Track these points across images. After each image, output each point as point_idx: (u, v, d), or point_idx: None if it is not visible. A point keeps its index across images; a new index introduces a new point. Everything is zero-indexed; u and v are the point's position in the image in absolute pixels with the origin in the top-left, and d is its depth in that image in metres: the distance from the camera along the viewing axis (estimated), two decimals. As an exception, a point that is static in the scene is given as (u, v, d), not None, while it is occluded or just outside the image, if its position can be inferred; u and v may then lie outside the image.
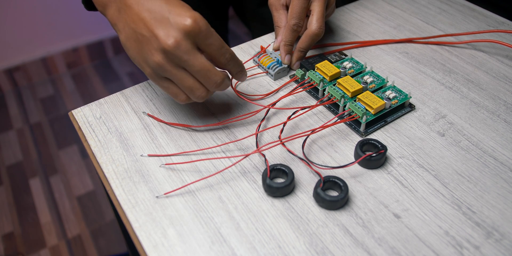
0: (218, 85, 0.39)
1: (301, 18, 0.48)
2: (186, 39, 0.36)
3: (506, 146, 0.42)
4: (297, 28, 0.48)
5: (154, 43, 0.36)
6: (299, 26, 0.48)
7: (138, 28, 0.37)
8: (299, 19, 0.47)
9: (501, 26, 0.58)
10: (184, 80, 0.38)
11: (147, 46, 0.37)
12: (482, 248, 0.34)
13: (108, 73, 1.70)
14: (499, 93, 0.48)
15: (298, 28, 0.48)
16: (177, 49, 0.36)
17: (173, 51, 0.36)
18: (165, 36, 0.36)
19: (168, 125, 0.45)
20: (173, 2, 0.37)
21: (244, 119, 0.45)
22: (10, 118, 1.52)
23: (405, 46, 0.56)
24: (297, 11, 0.47)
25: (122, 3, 0.38)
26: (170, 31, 0.36)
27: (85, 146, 0.44)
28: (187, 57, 0.36)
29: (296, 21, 0.48)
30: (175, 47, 0.36)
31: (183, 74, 0.38)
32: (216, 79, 0.38)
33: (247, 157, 0.42)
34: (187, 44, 0.36)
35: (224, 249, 0.34)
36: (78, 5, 1.73)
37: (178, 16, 0.36)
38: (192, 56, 0.36)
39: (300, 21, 0.48)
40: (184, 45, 0.36)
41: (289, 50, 0.50)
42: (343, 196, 0.36)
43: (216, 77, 0.38)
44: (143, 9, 0.37)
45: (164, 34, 0.36)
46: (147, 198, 0.38)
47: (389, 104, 0.44)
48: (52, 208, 1.24)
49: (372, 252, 0.34)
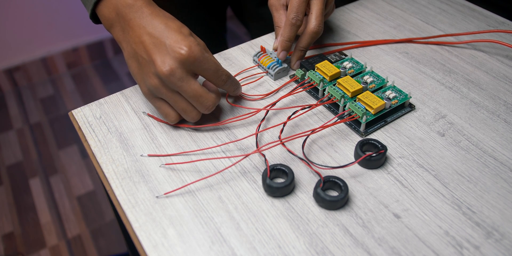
0: (209, 109, 0.41)
1: (300, 12, 0.47)
2: (181, 67, 0.39)
3: (506, 146, 0.42)
4: (296, 22, 0.47)
5: (152, 68, 0.39)
6: (298, 19, 0.47)
7: (139, 50, 0.40)
8: (297, 13, 0.47)
9: (501, 26, 0.58)
10: (178, 103, 0.41)
11: (146, 68, 0.40)
12: (482, 248, 0.34)
13: (108, 73, 1.70)
14: (499, 93, 0.48)
15: (297, 21, 0.47)
16: (171, 76, 0.38)
17: (168, 78, 0.39)
18: (161, 63, 0.38)
19: (168, 125, 0.45)
20: (172, 26, 0.40)
21: (244, 119, 0.45)
22: (10, 118, 1.52)
23: (405, 46, 0.56)
24: (295, 6, 0.47)
25: (126, 24, 0.41)
26: (166, 59, 0.38)
27: (85, 146, 0.44)
28: (181, 84, 0.39)
29: (294, 15, 0.47)
30: (170, 74, 0.38)
31: (177, 97, 0.41)
32: (208, 104, 0.41)
33: (247, 157, 0.42)
34: (182, 72, 0.39)
35: (224, 249, 0.35)
36: (78, 5, 1.73)
37: (174, 43, 0.38)
38: (185, 82, 0.39)
39: (299, 15, 0.47)
40: (179, 72, 0.38)
41: (287, 47, 0.49)
42: (343, 196, 0.36)
43: (208, 102, 0.41)
44: (144, 33, 0.40)
45: (160, 60, 0.38)
46: (147, 198, 0.38)
47: (389, 104, 0.44)
48: (52, 208, 1.24)
49: (372, 252, 0.34)
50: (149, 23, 0.40)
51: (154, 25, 0.40)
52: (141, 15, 0.41)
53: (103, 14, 0.43)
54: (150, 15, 0.41)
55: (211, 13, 0.81)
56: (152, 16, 0.41)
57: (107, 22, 0.44)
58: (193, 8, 0.73)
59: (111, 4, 0.42)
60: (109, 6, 0.42)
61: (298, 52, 0.49)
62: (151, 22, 0.40)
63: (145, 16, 0.41)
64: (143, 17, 0.41)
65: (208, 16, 0.80)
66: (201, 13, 0.76)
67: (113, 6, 0.42)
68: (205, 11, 0.78)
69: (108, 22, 0.43)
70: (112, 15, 0.43)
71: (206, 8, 0.78)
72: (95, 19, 0.46)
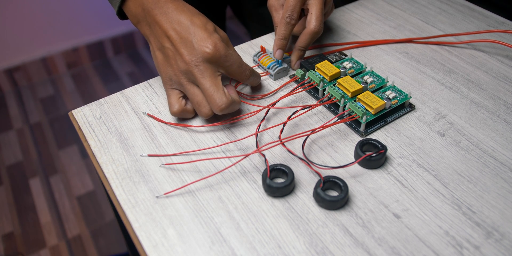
0: (221, 109, 0.41)
1: (295, 11, 0.47)
2: (206, 63, 0.41)
3: (506, 146, 0.42)
4: (291, 21, 0.47)
5: (178, 59, 0.41)
6: (292, 18, 0.47)
7: (166, 44, 0.42)
8: (292, 12, 0.47)
9: (501, 26, 0.58)
10: (195, 95, 0.42)
11: (171, 59, 0.42)
12: (482, 248, 0.34)
13: (108, 73, 1.70)
14: (499, 93, 0.48)
15: (292, 20, 0.47)
16: (196, 67, 0.40)
17: (192, 70, 0.41)
18: (188, 56, 0.40)
19: (168, 125, 0.45)
20: (197, 22, 0.41)
21: (244, 119, 0.45)
22: (10, 118, 1.52)
23: (405, 46, 0.56)
24: (291, 5, 0.47)
25: (152, 20, 0.43)
26: (193, 53, 0.40)
27: (85, 146, 0.44)
28: (201, 77, 0.41)
29: (289, 14, 0.47)
30: (195, 66, 0.40)
31: (195, 90, 0.42)
32: (220, 103, 0.41)
33: (247, 157, 0.42)
34: (205, 67, 0.41)
35: (224, 249, 0.35)
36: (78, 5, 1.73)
37: (201, 41, 0.40)
38: (205, 77, 0.41)
39: (293, 14, 0.47)
40: (202, 67, 0.40)
41: (282, 45, 0.49)
42: (343, 196, 0.36)
43: (220, 102, 0.41)
44: (170, 28, 0.41)
45: (187, 54, 0.41)
46: (147, 198, 0.38)
47: (389, 104, 0.44)
48: (52, 208, 1.24)
49: (372, 252, 0.34)
50: (174, 18, 0.41)
51: (179, 21, 0.41)
52: (167, 10, 0.42)
53: (129, 10, 0.45)
54: (175, 10, 0.42)
55: (210, 13, 0.80)
56: (177, 11, 0.42)
57: (134, 18, 0.45)
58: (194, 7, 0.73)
59: (137, 0, 0.44)
60: (135, 2, 0.44)
61: (298, 51, 0.49)
62: (176, 17, 0.41)
63: (170, 12, 0.42)
64: (168, 12, 0.42)
65: (208, 16, 0.79)
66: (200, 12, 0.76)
67: (139, 2, 0.43)
68: (205, 11, 0.78)
69: (135, 18, 0.45)
70: (138, 11, 0.44)
71: (205, 8, 0.78)
72: (121, 15, 0.48)
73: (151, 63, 1.74)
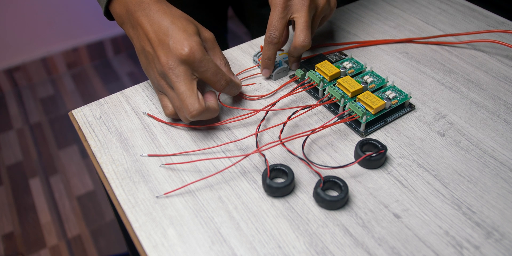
0: (192, 115, 0.40)
1: (277, 29, 0.45)
2: (181, 65, 0.40)
3: (506, 146, 0.42)
4: (272, 40, 0.46)
5: (156, 62, 0.41)
6: (274, 37, 0.45)
7: (146, 46, 0.42)
8: (274, 31, 0.45)
9: (501, 26, 0.58)
10: (173, 100, 0.42)
11: (151, 63, 0.42)
12: (482, 248, 0.34)
13: (108, 73, 1.70)
14: (499, 93, 0.48)
15: (273, 39, 0.46)
16: (170, 71, 0.40)
17: (167, 73, 0.40)
18: (164, 59, 0.40)
19: (168, 125, 0.45)
20: (178, 24, 0.41)
21: (244, 119, 0.45)
22: (10, 118, 1.52)
23: (405, 46, 0.56)
24: (272, 23, 0.45)
25: (135, 21, 0.42)
26: (169, 55, 0.40)
27: (85, 146, 0.44)
28: (175, 81, 0.40)
29: (271, 33, 0.45)
30: (169, 69, 0.40)
31: (173, 94, 0.41)
32: (191, 109, 0.40)
33: (247, 157, 0.42)
34: (180, 70, 0.40)
35: (224, 249, 0.35)
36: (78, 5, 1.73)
37: (177, 43, 0.40)
38: (179, 81, 0.40)
39: (275, 32, 0.45)
40: (177, 70, 0.40)
41: (268, 65, 0.48)
42: (343, 196, 0.36)
43: (192, 108, 0.40)
44: (151, 30, 0.41)
45: (164, 57, 0.40)
46: (147, 198, 0.38)
47: (389, 104, 0.44)
48: (52, 208, 1.24)
49: (372, 252, 0.34)
50: (156, 20, 0.41)
51: (160, 23, 0.41)
52: (149, 12, 0.41)
53: (115, 11, 0.45)
54: (157, 12, 0.41)
55: (212, 13, 0.81)
56: (159, 13, 0.41)
57: (119, 19, 0.45)
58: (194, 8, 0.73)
59: (122, 2, 0.43)
60: (120, 3, 0.44)
61: (291, 58, 0.50)
62: (158, 20, 0.41)
63: (153, 14, 0.41)
64: (150, 14, 0.41)
65: (209, 16, 0.80)
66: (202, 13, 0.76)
67: (124, 3, 0.43)
68: (206, 11, 0.78)
69: (120, 19, 0.45)
70: (123, 12, 0.44)
71: (207, 8, 0.78)
72: (109, 16, 0.47)
73: (151, 63, 1.74)
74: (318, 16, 0.48)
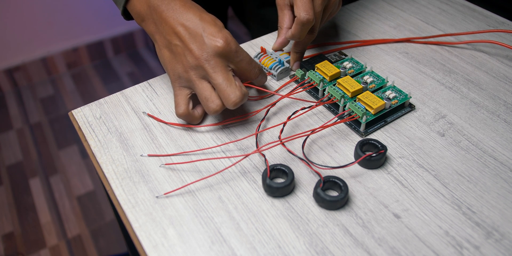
0: (235, 103, 0.40)
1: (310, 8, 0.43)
2: (217, 58, 0.40)
3: (506, 146, 0.42)
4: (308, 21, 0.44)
5: (187, 56, 0.41)
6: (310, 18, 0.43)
7: (173, 40, 0.42)
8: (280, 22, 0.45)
9: (501, 26, 0.58)
10: (204, 90, 0.41)
11: (179, 56, 0.42)
12: (482, 248, 0.34)
13: (108, 73, 1.70)
14: (499, 93, 0.48)
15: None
16: (207, 62, 0.40)
17: (203, 65, 0.40)
18: (199, 52, 0.40)
19: (168, 125, 0.45)
20: (206, 18, 0.41)
21: (244, 119, 0.45)
22: (10, 118, 1.52)
23: (405, 46, 0.56)
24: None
25: (158, 17, 0.42)
26: (204, 48, 0.40)
27: (85, 146, 0.44)
28: (213, 71, 0.40)
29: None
30: (206, 61, 0.40)
31: (204, 84, 0.41)
32: (234, 97, 0.40)
33: (247, 157, 0.42)
34: (216, 61, 0.40)
35: (224, 249, 0.35)
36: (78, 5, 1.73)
37: (211, 36, 0.40)
38: (218, 71, 0.40)
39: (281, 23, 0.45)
40: (214, 61, 0.40)
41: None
42: (343, 196, 0.36)
43: (235, 95, 0.40)
44: (178, 24, 0.41)
45: (197, 49, 0.40)
46: (147, 198, 0.38)
47: (389, 104, 0.44)
48: (52, 208, 1.24)
49: (372, 252, 0.34)
50: (182, 15, 0.41)
51: (188, 17, 0.41)
52: (173, 7, 0.42)
53: (134, 8, 0.45)
54: (182, 7, 0.42)
55: (212, 13, 0.80)
56: (184, 8, 0.42)
57: (138, 16, 0.45)
58: None
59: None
60: (140, 0, 0.44)
61: (294, 54, 0.49)
62: (184, 14, 0.41)
63: (177, 8, 0.42)
64: (175, 9, 0.42)
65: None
66: None
67: (145, 0, 0.43)
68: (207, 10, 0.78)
69: (140, 16, 0.45)
70: (143, 9, 0.44)
71: (207, 8, 0.78)
72: (127, 15, 0.47)
73: (151, 63, 1.74)
74: (328, 9, 0.47)
